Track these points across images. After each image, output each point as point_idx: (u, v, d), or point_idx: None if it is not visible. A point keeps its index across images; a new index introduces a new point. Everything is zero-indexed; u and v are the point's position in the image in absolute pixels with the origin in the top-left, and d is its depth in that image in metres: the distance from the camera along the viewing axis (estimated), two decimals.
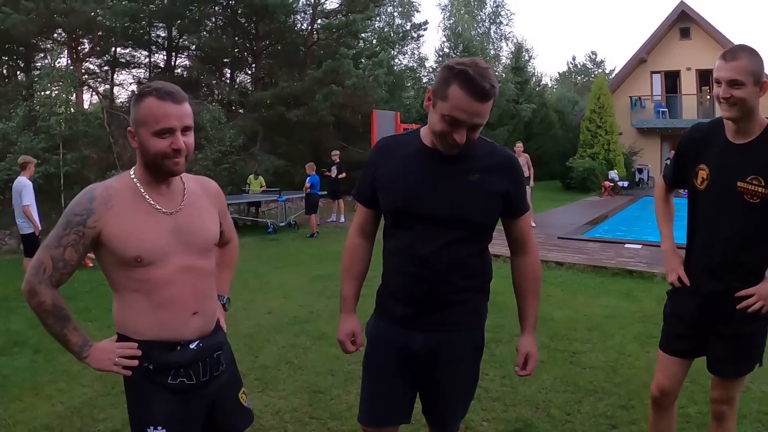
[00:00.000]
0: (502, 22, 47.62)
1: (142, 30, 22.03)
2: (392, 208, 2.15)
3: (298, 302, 7.08)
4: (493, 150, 2.13)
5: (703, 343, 2.59)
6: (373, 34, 28.38)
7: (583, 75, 58.88)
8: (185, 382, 1.96)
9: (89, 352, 1.95)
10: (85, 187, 1.93)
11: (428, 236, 2.07)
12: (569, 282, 7.96)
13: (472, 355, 2.24)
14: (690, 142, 2.63)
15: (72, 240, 1.85)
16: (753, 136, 2.39)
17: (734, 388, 2.59)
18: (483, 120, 1.92)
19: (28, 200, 7.87)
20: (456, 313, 2.15)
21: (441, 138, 1.97)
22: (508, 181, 2.09)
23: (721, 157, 2.45)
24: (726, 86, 2.32)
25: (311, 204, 13.52)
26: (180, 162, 1.89)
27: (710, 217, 2.50)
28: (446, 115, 1.89)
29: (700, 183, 2.52)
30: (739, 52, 2.33)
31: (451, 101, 1.87)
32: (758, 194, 2.33)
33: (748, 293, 2.40)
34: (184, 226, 1.96)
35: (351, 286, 2.36)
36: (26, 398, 4.29)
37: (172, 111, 1.84)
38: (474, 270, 2.16)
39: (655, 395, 2.77)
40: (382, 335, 2.24)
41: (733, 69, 2.31)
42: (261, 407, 3.99)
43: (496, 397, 4.12)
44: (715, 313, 2.50)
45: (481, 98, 1.86)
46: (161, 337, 1.92)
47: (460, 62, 1.90)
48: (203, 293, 2.01)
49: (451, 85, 1.87)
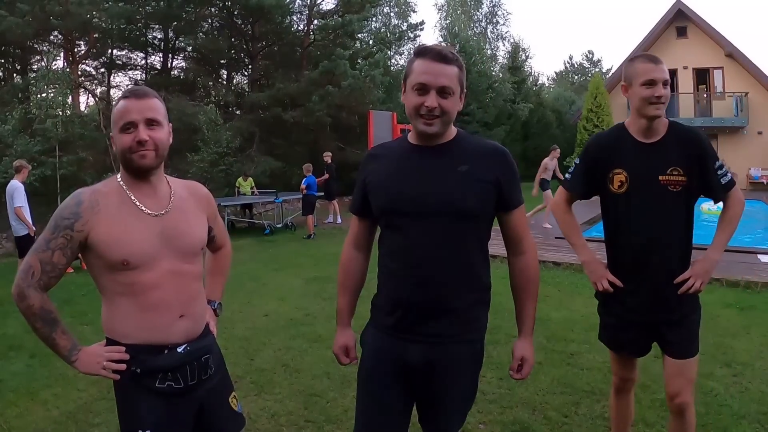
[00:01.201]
0: (499, 21, 47.70)
1: (139, 32, 22.07)
2: (382, 207, 2.12)
3: (295, 305, 7.06)
4: (481, 143, 2.12)
5: (651, 339, 2.73)
6: (370, 35, 28.42)
7: (580, 74, 58.88)
8: (173, 385, 1.95)
9: (78, 356, 1.95)
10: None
11: (421, 234, 2.02)
12: (566, 282, 7.95)
13: (471, 369, 2.16)
14: (600, 150, 2.75)
15: (60, 243, 1.86)
16: (661, 134, 2.61)
17: (691, 372, 2.65)
18: (449, 83, 1.95)
19: (20, 202, 7.88)
20: (454, 323, 2.06)
21: (416, 115, 1.99)
22: (499, 170, 2.04)
23: (638, 157, 2.61)
24: (662, 86, 2.53)
25: (308, 205, 13.50)
26: (147, 155, 1.90)
27: (635, 216, 2.62)
28: (414, 85, 1.97)
29: (617, 187, 2.65)
30: (654, 55, 2.63)
31: (415, 71, 1.98)
32: (679, 183, 2.54)
33: (684, 277, 2.56)
34: (170, 229, 1.96)
35: (345, 299, 2.35)
36: (21, 403, 4.27)
37: (133, 106, 1.89)
38: (472, 274, 2.09)
39: (617, 384, 2.98)
40: (377, 346, 2.18)
41: (664, 70, 2.55)
42: (257, 411, 3.97)
43: (493, 399, 4.10)
44: (661, 306, 2.62)
45: (441, 59, 1.95)
46: (148, 340, 1.92)
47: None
48: (190, 296, 2.01)
49: (414, 62, 2.00)
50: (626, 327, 2.73)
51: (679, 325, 2.62)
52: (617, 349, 2.86)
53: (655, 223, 2.58)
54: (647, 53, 2.71)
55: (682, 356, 2.62)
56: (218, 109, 20.60)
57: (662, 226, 2.58)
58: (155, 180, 1.99)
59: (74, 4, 17.19)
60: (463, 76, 2.02)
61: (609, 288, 2.67)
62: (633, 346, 2.79)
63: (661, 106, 2.53)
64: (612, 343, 2.86)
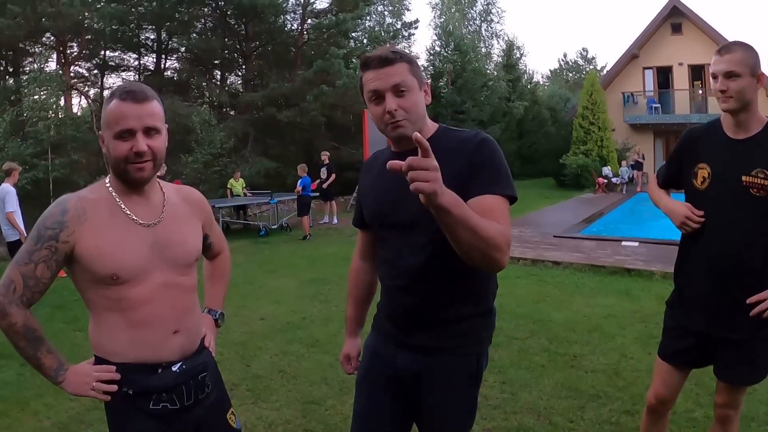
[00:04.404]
0: (493, 20, 47.67)
1: (131, 33, 21.93)
2: (369, 220, 2.11)
3: (291, 308, 6.95)
4: (461, 135, 1.92)
5: (707, 354, 2.49)
6: (364, 34, 28.25)
7: (574, 72, 58.93)
8: (168, 407, 1.82)
9: (65, 377, 1.81)
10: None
11: (403, 244, 1.94)
12: (566, 282, 7.86)
13: (466, 384, 2.02)
14: (690, 141, 2.54)
15: (44, 256, 1.71)
16: (753, 131, 2.34)
17: (741, 394, 2.50)
18: (399, 79, 1.83)
19: (11, 207, 7.73)
20: (444, 335, 1.95)
21: (383, 123, 1.88)
22: (466, 162, 1.81)
23: (723, 153, 2.39)
24: (723, 78, 2.30)
25: (303, 206, 13.38)
26: (145, 168, 1.74)
27: (713, 216, 2.39)
28: (369, 96, 1.88)
29: (700, 183, 2.43)
30: (734, 45, 2.32)
31: (365, 82, 1.89)
32: (764, 187, 2.27)
33: (759, 298, 2.30)
34: (163, 239, 1.82)
35: (352, 309, 2.38)
36: (12, 413, 4.16)
37: (131, 111, 1.70)
38: (463, 285, 1.94)
39: (651, 403, 2.69)
40: (374, 349, 2.16)
41: (729, 61, 2.29)
42: (253, 420, 3.86)
43: (496, 405, 4.00)
44: (723, 320, 2.39)
45: (383, 63, 1.84)
46: (140, 359, 1.79)
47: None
48: (184, 310, 1.88)
49: (362, 76, 1.91)
50: (683, 335, 2.52)
51: (738, 348, 2.37)
52: (666, 356, 2.60)
53: (731, 228, 2.34)
54: (726, 44, 2.37)
55: (731, 381, 2.45)
56: (212, 110, 20.50)
57: (739, 231, 2.33)
58: (147, 187, 1.83)
59: (66, 5, 17.06)
60: (417, 68, 1.90)
61: (693, 222, 2.41)
62: (683, 357, 2.55)
63: (727, 99, 2.29)
64: (663, 350, 2.62)
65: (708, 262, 2.42)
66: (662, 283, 7.15)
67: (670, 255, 9.19)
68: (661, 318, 2.73)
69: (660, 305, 2.77)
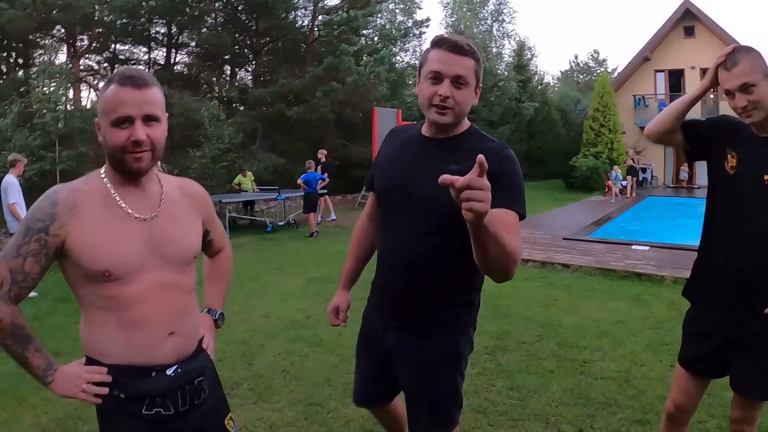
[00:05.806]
0: (505, 19, 47.58)
1: (142, 26, 21.84)
2: (377, 187, 2.21)
3: (296, 306, 6.85)
4: (487, 144, 2.00)
5: (725, 362, 2.40)
6: (375, 31, 28.16)
7: (585, 74, 58.66)
8: (162, 412, 1.73)
9: (53, 377, 1.72)
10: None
11: (400, 223, 2.05)
12: (576, 285, 7.72)
13: (444, 365, 2.13)
14: (725, 124, 2.43)
15: (32, 249, 1.61)
16: None
17: (757, 410, 2.40)
18: (464, 72, 1.92)
19: (14, 198, 7.68)
20: (425, 317, 2.09)
21: (429, 105, 1.96)
22: (488, 170, 1.82)
23: (751, 148, 2.31)
24: (740, 94, 2.20)
25: (310, 203, 13.30)
26: (143, 158, 1.64)
27: (734, 210, 2.32)
28: (428, 73, 1.94)
29: (730, 168, 2.34)
30: (738, 55, 2.22)
31: (430, 60, 1.96)
32: None
33: None
34: (160, 235, 1.72)
35: (350, 264, 2.49)
36: (9, 408, 4.10)
37: (130, 97, 1.60)
38: (450, 272, 2.03)
39: (670, 410, 2.61)
40: (369, 321, 2.34)
41: (740, 74, 2.19)
42: (254, 421, 3.76)
43: (503, 411, 3.89)
44: (741, 327, 2.30)
45: (457, 50, 1.92)
46: (133, 361, 1.69)
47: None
48: (181, 310, 1.78)
49: (429, 51, 1.98)
50: (702, 339, 2.43)
51: (755, 361, 2.28)
52: (684, 361, 2.52)
53: (751, 226, 2.25)
54: (728, 56, 2.26)
55: (746, 393, 2.35)
56: (221, 105, 20.45)
57: (758, 231, 2.24)
58: (145, 178, 1.73)
59: None
60: (480, 69, 1.99)
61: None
62: (700, 364, 2.46)
63: (751, 112, 2.18)
64: (682, 355, 2.53)
65: (725, 262, 2.33)
66: (673, 289, 6.99)
67: (680, 260, 9.03)
68: (672, 324, 2.65)
69: (671, 311, 2.68)
